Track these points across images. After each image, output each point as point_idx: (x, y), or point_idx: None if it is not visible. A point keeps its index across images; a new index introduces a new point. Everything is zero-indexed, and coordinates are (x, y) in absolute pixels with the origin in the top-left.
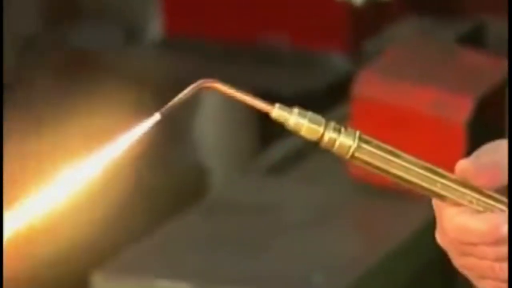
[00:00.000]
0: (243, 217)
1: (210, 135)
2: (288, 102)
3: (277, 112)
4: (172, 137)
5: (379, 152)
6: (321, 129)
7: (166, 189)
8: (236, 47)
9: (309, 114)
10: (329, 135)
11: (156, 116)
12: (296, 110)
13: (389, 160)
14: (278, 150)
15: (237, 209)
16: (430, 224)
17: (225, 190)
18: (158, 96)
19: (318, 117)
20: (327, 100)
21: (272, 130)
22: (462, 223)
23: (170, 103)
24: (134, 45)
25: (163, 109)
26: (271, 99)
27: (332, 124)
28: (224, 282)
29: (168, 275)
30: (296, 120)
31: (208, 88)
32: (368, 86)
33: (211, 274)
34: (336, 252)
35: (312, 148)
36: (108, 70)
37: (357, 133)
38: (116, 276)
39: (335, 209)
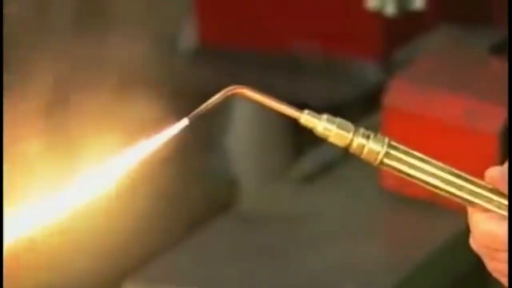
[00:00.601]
0: (275, 227)
1: (242, 145)
2: (319, 111)
3: (306, 118)
4: (204, 146)
5: (407, 158)
6: (350, 135)
7: (198, 198)
8: (269, 56)
9: (338, 120)
10: (358, 141)
11: (184, 121)
12: (325, 116)
13: (417, 166)
14: (310, 160)
15: (269, 219)
16: (463, 232)
17: (257, 200)
18: (191, 104)
19: (347, 123)
20: (358, 109)
21: (304, 140)
22: (487, 229)
23: (199, 109)
24: (167, 54)
25: (191, 115)
26: (302, 108)
27: (361, 130)
28: None
29: (198, 284)
30: (325, 126)
31: (237, 94)
32: (399, 95)
33: (242, 284)
34: (368, 262)
35: (344, 158)
36: (141, 79)
37: (386, 139)
38: (147, 286)
39: (367, 218)
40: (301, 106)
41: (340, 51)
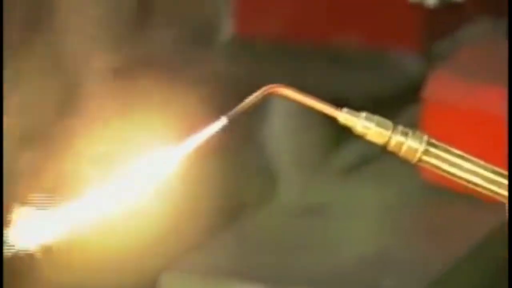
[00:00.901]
0: (313, 219)
1: (281, 136)
2: (359, 103)
3: (344, 116)
4: (243, 137)
5: (446, 156)
6: (388, 133)
7: (235, 189)
8: (307, 48)
9: (376, 118)
10: (396, 138)
11: (223, 120)
12: (363, 114)
13: (456, 163)
14: (349, 152)
15: (308, 211)
16: (505, 225)
17: (295, 191)
18: (228, 97)
19: (386, 121)
20: (398, 101)
21: (343, 132)
22: None
23: (237, 108)
24: (204, 46)
25: (230, 114)
26: (342, 101)
27: (400, 127)
28: (294, 284)
29: (236, 277)
30: (363, 124)
31: (274, 93)
32: (440, 87)
33: (280, 276)
34: (406, 256)
35: (384, 150)
36: (178, 71)
37: (425, 136)
38: (184, 278)
39: (407, 211)
40: (340, 100)
41: (380, 43)
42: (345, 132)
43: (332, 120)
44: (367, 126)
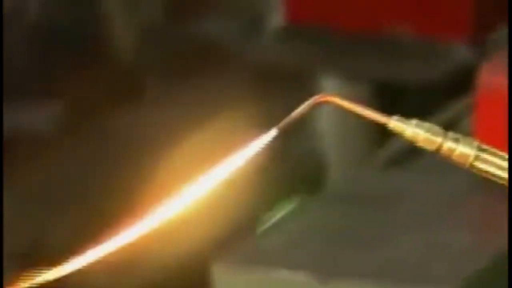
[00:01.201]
0: (362, 209)
1: (329, 126)
2: (411, 93)
3: (394, 123)
4: (293, 128)
5: (497, 161)
6: (439, 140)
7: (284, 180)
8: (359, 37)
9: (427, 125)
10: (448, 145)
11: (273, 132)
12: (414, 121)
13: (505, 168)
14: (399, 142)
15: (356, 201)
16: None
17: (344, 182)
18: (280, 86)
19: (436, 128)
20: (451, 91)
21: None
22: None
23: (287, 118)
24: (255, 35)
25: (280, 124)
26: (394, 90)
27: (450, 134)
28: (343, 274)
29: (287, 266)
30: (413, 131)
31: (325, 102)
32: (493, 77)
33: (330, 266)
34: (456, 246)
35: None
36: (229, 61)
37: (475, 142)
38: (236, 267)
39: (456, 202)
40: (392, 89)
41: (433, 32)
42: None
43: (385, 109)
44: (417, 133)
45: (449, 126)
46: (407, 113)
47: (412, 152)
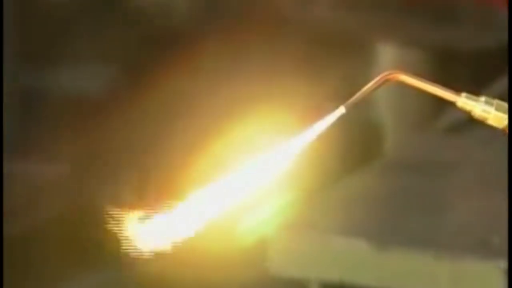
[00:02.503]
0: (420, 176)
1: (387, 93)
2: (467, 59)
3: (463, 101)
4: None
5: None
6: (506, 116)
7: (343, 146)
8: (415, 2)
9: (496, 102)
10: None
11: (341, 110)
12: (482, 98)
13: None
14: (456, 109)
15: (414, 167)
16: None
17: (402, 149)
18: (337, 52)
19: (504, 104)
20: (507, 57)
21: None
22: None
23: (356, 96)
24: (310, 3)
25: (349, 103)
26: (449, 56)
27: None
28: (401, 241)
29: (344, 232)
30: (483, 108)
31: (393, 79)
32: None
33: (387, 232)
34: None
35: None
36: (284, 29)
37: None
38: (293, 233)
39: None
40: (448, 55)
41: None
42: (455, 90)
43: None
44: (486, 111)
45: (503, 96)
46: (463, 80)
47: (470, 119)
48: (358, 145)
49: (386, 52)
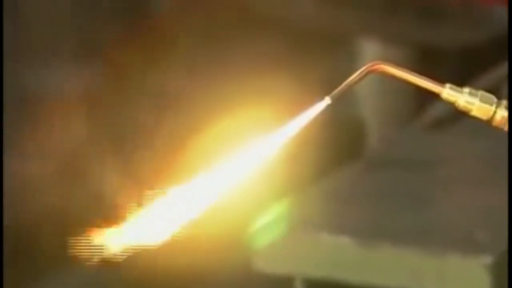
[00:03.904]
0: (404, 172)
1: (370, 90)
2: (451, 56)
3: (447, 92)
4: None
5: None
6: (492, 108)
7: (326, 143)
8: (399, 0)
9: (480, 93)
10: (501, 113)
11: (327, 100)
12: (467, 89)
13: None
14: (440, 105)
15: (398, 164)
16: None
17: (386, 145)
18: (319, 49)
19: (489, 96)
20: (493, 54)
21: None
22: None
23: (340, 87)
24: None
25: (334, 93)
26: (434, 53)
27: (504, 102)
28: (385, 237)
29: (329, 229)
30: (467, 99)
31: (377, 70)
32: None
33: (372, 229)
34: (500, 209)
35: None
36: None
37: None
38: (277, 230)
39: (499, 164)
40: (432, 52)
41: None
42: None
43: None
44: (470, 102)
45: (490, 92)
46: (447, 77)
47: (454, 113)
48: (343, 142)
49: (370, 49)
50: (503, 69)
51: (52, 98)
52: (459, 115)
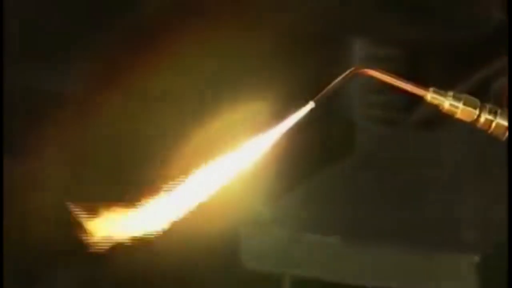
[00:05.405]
0: (393, 172)
1: (360, 89)
2: (442, 53)
3: (432, 95)
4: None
5: None
6: (476, 111)
7: (315, 142)
8: None
9: (464, 96)
10: (485, 116)
11: (311, 104)
12: (451, 93)
13: None
14: (428, 104)
15: (387, 163)
16: None
17: (375, 144)
18: (310, 47)
19: (473, 99)
20: (483, 51)
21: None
22: None
23: (324, 91)
24: None
25: (317, 97)
26: (424, 49)
27: (488, 106)
28: (373, 236)
29: (317, 228)
30: (451, 103)
31: (361, 74)
32: None
33: (360, 228)
34: (489, 210)
35: None
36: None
37: None
38: (266, 228)
39: (489, 165)
40: (422, 48)
41: None
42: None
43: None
44: (455, 105)
45: (480, 89)
46: (437, 76)
47: (444, 114)
48: (329, 141)
49: (359, 48)
50: (492, 67)
51: (49, 98)
52: (447, 115)
